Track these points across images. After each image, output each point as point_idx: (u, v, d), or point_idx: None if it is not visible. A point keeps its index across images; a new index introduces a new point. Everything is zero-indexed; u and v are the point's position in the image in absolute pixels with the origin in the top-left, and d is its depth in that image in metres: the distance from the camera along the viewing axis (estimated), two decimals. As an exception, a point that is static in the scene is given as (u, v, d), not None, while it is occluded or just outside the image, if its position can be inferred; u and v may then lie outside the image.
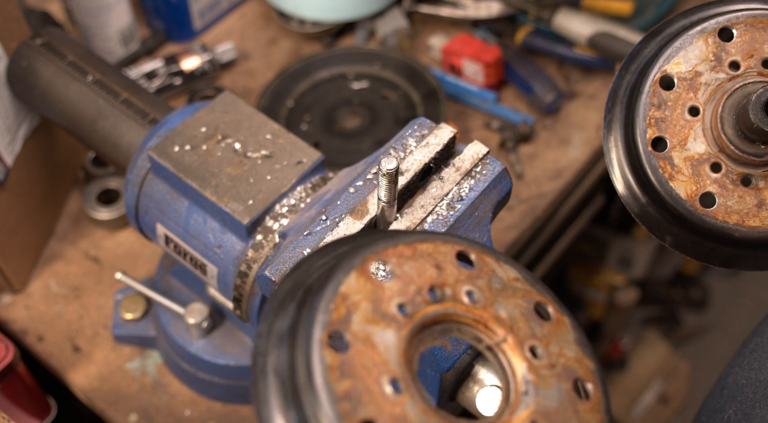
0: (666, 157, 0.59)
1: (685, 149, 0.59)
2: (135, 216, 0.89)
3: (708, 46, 0.60)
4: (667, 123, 0.59)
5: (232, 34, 1.34)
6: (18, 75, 0.96)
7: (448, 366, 0.68)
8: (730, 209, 0.58)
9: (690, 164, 0.59)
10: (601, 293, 2.08)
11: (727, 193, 0.59)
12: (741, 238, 0.59)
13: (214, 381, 0.96)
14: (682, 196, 0.59)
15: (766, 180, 0.59)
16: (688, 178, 0.59)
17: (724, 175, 0.59)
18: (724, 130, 0.58)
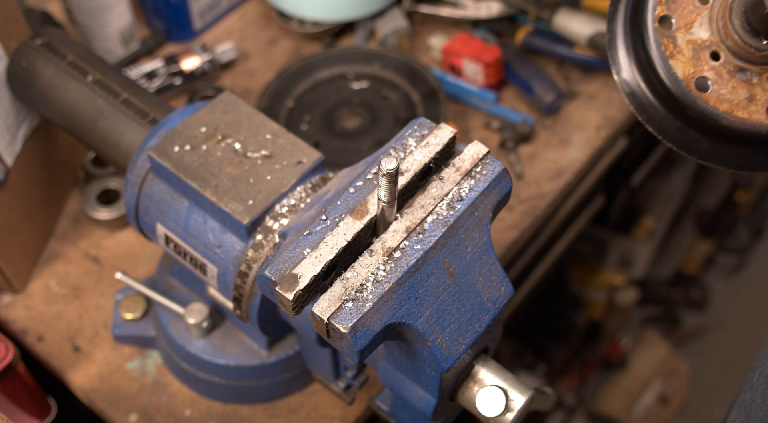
0: (670, 35, 0.60)
1: (689, 32, 0.60)
2: (135, 216, 0.89)
3: None
4: (677, 4, 0.61)
5: (232, 34, 1.34)
6: (18, 75, 0.96)
7: (448, 366, 0.68)
8: (722, 97, 0.60)
9: (692, 47, 0.60)
10: (601, 293, 2.08)
11: (721, 81, 0.60)
12: (727, 127, 0.60)
13: (214, 381, 0.96)
14: (678, 75, 0.60)
15: (760, 76, 0.60)
16: (687, 59, 0.60)
17: (722, 64, 0.60)
18: (732, 20, 0.59)
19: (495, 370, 0.75)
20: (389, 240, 0.66)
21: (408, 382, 0.75)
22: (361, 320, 0.62)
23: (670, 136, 0.63)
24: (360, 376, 0.93)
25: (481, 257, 0.70)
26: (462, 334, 0.69)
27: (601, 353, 2.13)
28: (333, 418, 0.98)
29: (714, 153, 0.63)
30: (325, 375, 0.94)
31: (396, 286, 0.64)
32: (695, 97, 0.60)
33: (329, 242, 0.66)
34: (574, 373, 2.07)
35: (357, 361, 0.64)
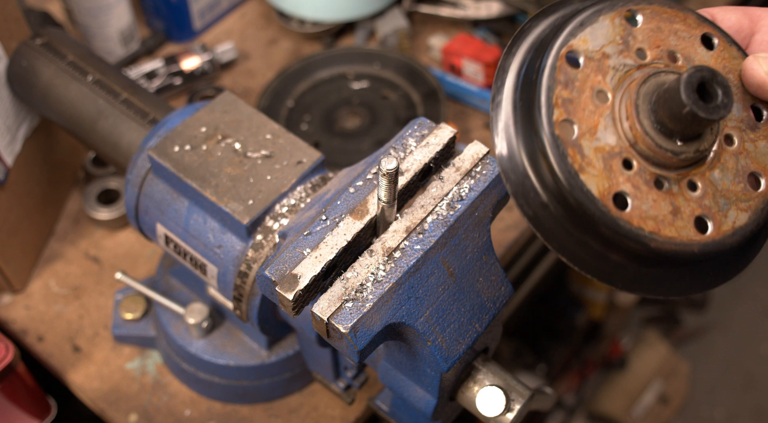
0: (575, 144, 0.50)
1: (595, 138, 0.50)
2: (135, 216, 0.89)
3: (615, 28, 0.53)
4: (575, 106, 0.51)
5: (232, 34, 1.34)
6: (18, 75, 0.96)
7: (448, 366, 0.68)
8: (645, 214, 0.50)
9: (601, 157, 0.50)
10: (601, 293, 2.08)
11: (641, 194, 0.51)
12: (656, 250, 0.50)
13: (214, 381, 0.96)
14: (594, 193, 0.49)
15: (679, 185, 0.52)
16: (599, 172, 0.50)
17: (637, 174, 0.51)
18: (640, 120, 0.51)
19: (495, 370, 0.75)
20: (389, 240, 0.66)
21: (408, 382, 0.75)
22: (361, 320, 0.62)
23: (587, 264, 0.53)
24: (360, 376, 0.93)
25: (481, 257, 0.70)
26: (462, 334, 0.69)
27: (601, 353, 2.13)
28: (333, 418, 0.98)
29: (641, 280, 0.53)
30: (325, 375, 0.94)
31: (396, 286, 0.64)
32: (617, 218, 0.50)
33: (329, 242, 0.66)
34: (574, 373, 2.07)
35: (357, 361, 0.64)
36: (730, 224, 0.52)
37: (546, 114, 0.50)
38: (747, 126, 0.55)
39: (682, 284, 0.54)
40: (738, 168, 0.54)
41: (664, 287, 0.54)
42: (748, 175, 0.54)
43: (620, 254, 0.52)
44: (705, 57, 0.55)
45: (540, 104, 0.51)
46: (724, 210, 0.53)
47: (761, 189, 0.54)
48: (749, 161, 0.54)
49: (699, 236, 0.51)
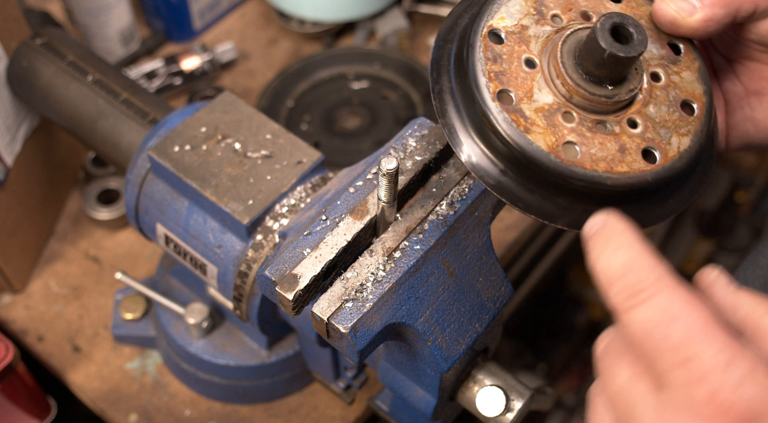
0: (516, 109, 0.54)
1: (533, 101, 0.55)
2: (135, 216, 0.89)
3: (527, 2, 0.58)
4: (508, 76, 0.55)
5: (232, 34, 1.34)
6: (18, 75, 0.96)
7: (448, 366, 0.68)
8: (596, 157, 0.54)
9: (542, 115, 0.54)
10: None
11: (587, 140, 0.54)
12: (614, 187, 0.54)
13: (214, 381, 0.96)
14: (543, 148, 0.53)
15: (620, 124, 0.56)
16: (544, 129, 0.54)
17: (579, 124, 0.55)
18: (569, 75, 0.55)
19: (495, 370, 0.75)
20: (389, 240, 0.66)
21: (408, 382, 0.75)
22: (361, 320, 0.62)
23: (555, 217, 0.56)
24: (360, 376, 0.93)
25: (481, 257, 0.70)
26: (462, 334, 0.69)
27: (601, 353, 2.13)
28: (333, 418, 0.98)
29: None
30: (325, 375, 0.94)
31: (396, 286, 0.64)
32: (570, 166, 0.53)
33: (329, 242, 0.66)
34: (574, 373, 2.07)
35: (357, 361, 0.64)
36: (675, 150, 0.56)
37: (483, 88, 0.55)
38: (668, 61, 0.59)
39: (649, 214, 0.58)
40: (670, 99, 0.58)
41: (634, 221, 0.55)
42: (681, 104, 0.58)
43: (583, 200, 0.55)
44: (615, 9, 0.60)
45: (476, 82, 0.55)
46: (667, 138, 0.56)
47: (695, 113, 0.58)
48: (678, 91, 0.58)
49: (649, 166, 0.55)
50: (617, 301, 0.46)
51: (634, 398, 0.45)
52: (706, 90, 0.59)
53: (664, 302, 0.44)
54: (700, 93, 0.58)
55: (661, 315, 0.43)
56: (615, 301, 0.46)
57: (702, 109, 0.58)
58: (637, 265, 0.45)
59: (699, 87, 0.59)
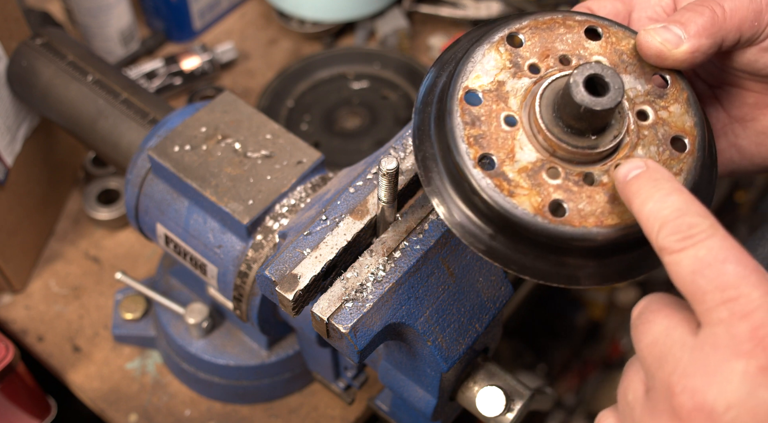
0: (498, 173, 0.53)
1: (515, 161, 0.53)
2: (135, 216, 0.89)
3: (501, 55, 0.56)
4: (488, 138, 0.54)
5: (232, 34, 1.34)
6: (18, 75, 0.96)
7: (448, 366, 0.68)
8: (584, 212, 0.53)
9: (526, 175, 0.53)
10: (601, 293, 2.08)
11: (574, 196, 0.53)
12: (605, 241, 0.53)
13: (214, 381, 0.96)
14: (530, 211, 0.52)
15: (608, 173, 0.54)
16: (529, 190, 0.53)
17: (565, 179, 0.53)
18: (550, 130, 0.53)
19: (495, 370, 0.75)
20: (389, 240, 0.66)
21: (408, 382, 0.75)
22: (361, 320, 0.62)
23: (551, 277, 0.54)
24: (360, 376, 0.93)
25: (481, 257, 0.70)
26: (462, 334, 0.69)
27: (601, 353, 2.13)
28: (333, 418, 0.98)
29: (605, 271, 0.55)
30: (325, 375, 0.94)
31: (396, 286, 0.64)
32: (558, 226, 0.52)
33: (329, 242, 0.66)
34: (574, 373, 2.07)
35: (357, 361, 0.64)
36: None
37: (464, 154, 0.53)
38: (655, 96, 0.57)
39: (646, 261, 0.56)
40: (659, 138, 0.56)
41: (630, 270, 0.56)
42: (671, 141, 0.56)
43: (576, 256, 0.54)
44: (595, 48, 0.58)
45: (456, 149, 0.54)
46: None
47: (687, 149, 0.56)
48: (667, 128, 0.56)
49: None
50: (668, 241, 0.47)
51: (669, 344, 0.46)
52: (697, 121, 0.57)
53: (718, 244, 0.45)
54: (691, 126, 0.56)
55: (714, 255, 0.45)
56: (665, 242, 0.47)
57: (693, 144, 0.56)
58: (692, 209, 0.47)
59: (689, 120, 0.56)
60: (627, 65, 0.57)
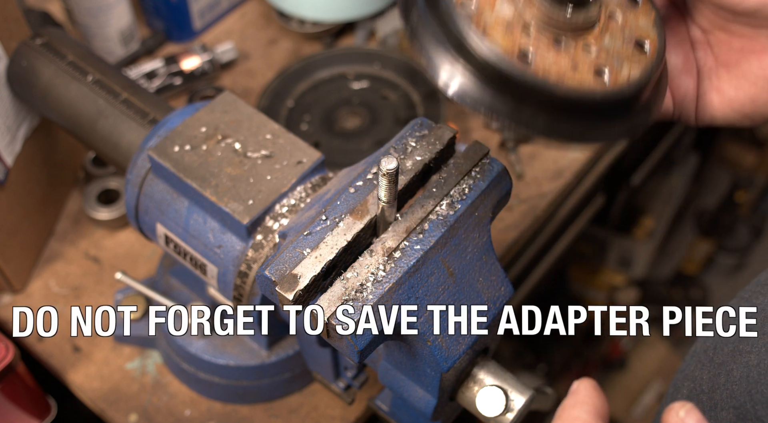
0: (477, 13, 0.57)
1: (495, 11, 0.57)
2: (135, 216, 0.89)
3: None
4: None
5: (232, 34, 1.34)
6: (18, 75, 0.96)
7: (448, 366, 0.68)
8: (548, 67, 0.56)
9: (502, 24, 0.57)
10: (601, 293, 2.08)
11: (541, 52, 0.57)
12: (563, 97, 0.56)
13: (214, 381, 0.96)
14: (500, 51, 0.56)
15: (576, 42, 0.58)
16: (503, 34, 0.56)
17: (536, 38, 0.57)
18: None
19: (495, 370, 0.75)
20: (389, 240, 0.66)
21: (408, 382, 0.75)
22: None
23: (509, 115, 0.58)
24: (360, 376, 0.93)
25: (481, 257, 0.70)
26: (462, 334, 0.69)
27: (601, 353, 2.13)
28: (333, 418, 0.98)
29: (555, 126, 0.58)
30: (325, 375, 0.94)
31: (396, 286, 0.64)
32: (523, 71, 0.55)
33: (329, 242, 0.66)
34: (574, 373, 2.07)
35: (357, 361, 0.64)
36: (625, 76, 0.58)
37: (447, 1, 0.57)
38: (627, 6, 0.61)
39: (592, 131, 0.60)
40: (625, 35, 0.60)
41: (576, 133, 0.59)
42: (635, 42, 0.60)
43: (532, 104, 0.57)
44: None
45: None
46: (618, 65, 0.58)
47: (648, 52, 0.60)
48: (633, 31, 0.60)
49: (599, 85, 0.57)
50: None
51: None
52: (660, 35, 0.61)
53: None
54: (654, 36, 0.60)
55: None
56: None
57: (654, 50, 0.60)
58: None
59: (653, 31, 0.61)
60: None
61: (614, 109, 0.59)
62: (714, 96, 0.65)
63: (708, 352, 0.67)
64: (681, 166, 2.13)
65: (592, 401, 0.56)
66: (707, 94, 0.66)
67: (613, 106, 0.58)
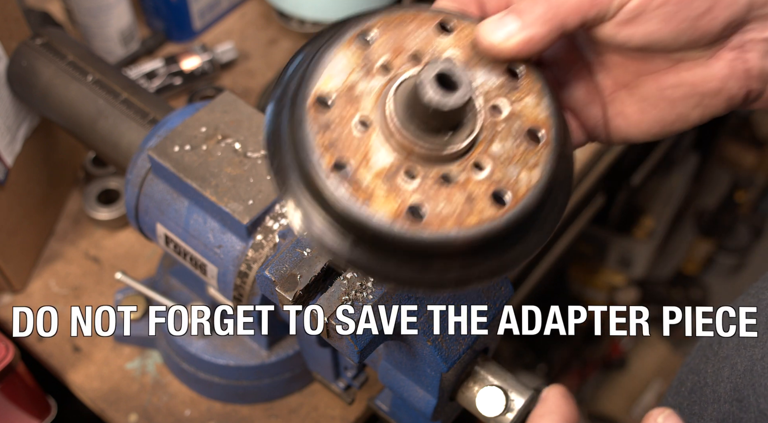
0: (353, 180, 0.50)
1: (371, 165, 0.51)
2: (135, 216, 0.89)
3: (352, 55, 0.53)
4: (341, 144, 0.51)
5: (232, 34, 1.34)
6: (18, 75, 0.96)
7: (448, 366, 0.68)
8: (443, 214, 0.50)
9: (382, 179, 0.51)
10: (601, 293, 2.08)
11: (432, 198, 0.51)
12: (468, 242, 0.50)
13: (214, 381, 0.96)
14: (387, 219, 0.49)
15: (466, 171, 0.52)
16: (386, 195, 0.50)
17: (423, 180, 0.51)
18: (404, 130, 0.51)
19: (495, 370, 0.75)
20: (389, 240, 0.66)
21: (408, 382, 0.75)
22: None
23: (418, 283, 0.52)
24: (360, 376, 0.93)
25: (481, 257, 0.70)
26: (462, 334, 0.69)
27: (601, 353, 2.13)
28: (333, 418, 0.98)
29: (471, 275, 0.53)
30: (325, 375, 0.94)
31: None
32: (417, 233, 0.50)
33: (329, 242, 0.65)
34: (574, 373, 2.07)
35: (357, 361, 0.64)
36: (525, 186, 0.53)
37: (317, 163, 0.50)
38: (509, 89, 0.55)
39: (513, 255, 0.54)
40: (514, 131, 0.54)
41: (500, 267, 0.54)
42: (526, 134, 0.54)
43: (439, 260, 0.52)
44: (447, 43, 0.55)
45: (310, 158, 0.51)
46: (515, 175, 0.53)
47: (543, 140, 0.54)
48: (522, 121, 0.54)
49: (500, 211, 0.52)
50: None
51: None
52: (552, 112, 0.55)
53: None
54: (545, 117, 0.54)
55: None
56: None
57: (549, 135, 0.54)
58: None
59: (543, 111, 0.55)
60: (480, 59, 0.55)
61: (528, 223, 0.54)
62: (621, 121, 0.62)
63: (713, 345, 0.67)
64: (681, 166, 2.13)
65: (560, 410, 0.55)
66: (615, 120, 0.62)
67: (524, 223, 0.53)
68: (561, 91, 0.63)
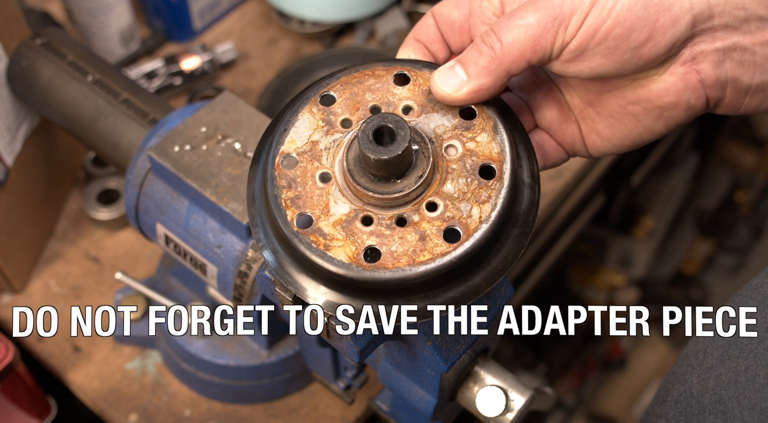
0: (315, 230, 0.56)
1: (330, 215, 0.56)
2: (135, 216, 0.89)
3: (315, 116, 0.59)
4: (304, 198, 0.57)
5: (232, 34, 1.34)
6: (18, 75, 0.96)
7: (448, 366, 0.68)
8: (397, 254, 0.54)
9: (341, 227, 0.56)
10: (601, 293, 2.08)
11: (387, 239, 0.55)
12: (420, 280, 0.54)
13: (214, 381, 0.96)
14: (345, 261, 0.54)
15: (419, 212, 0.56)
16: (344, 241, 0.55)
17: (378, 224, 0.56)
18: (357, 181, 0.56)
19: (495, 370, 0.75)
20: (389, 240, 0.66)
21: (408, 382, 0.75)
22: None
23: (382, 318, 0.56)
24: (360, 376, 0.93)
25: (481, 257, 0.70)
26: (462, 334, 0.69)
27: (601, 353, 2.13)
28: (333, 418, 0.98)
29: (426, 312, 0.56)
30: (325, 375, 0.94)
31: (396, 286, 0.64)
32: (372, 272, 0.54)
33: (329, 242, 0.66)
34: (574, 373, 2.07)
35: (357, 361, 0.64)
36: (476, 221, 0.55)
37: (283, 217, 0.56)
38: (463, 129, 0.58)
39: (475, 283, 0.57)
40: (467, 169, 0.57)
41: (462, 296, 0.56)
42: (479, 170, 0.57)
43: (400, 296, 0.56)
44: (403, 93, 0.60)
45: (278, 213, 0.57)
46: (467, 211, 0.56)
47: (496, 175, 0.57)
48: (476, 158, 0.57)
49: (452, 246, 0.55)
50: None
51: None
52: (504, 147, 0.57)
53: None
54: (498, 152, 0.57)
55: None
56: None
57: (501, 169, 0.56)
58: None
59: (496, 146, 0.57)
60: (435, 104, 0.59)
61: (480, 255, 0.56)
62: (595, 137, 0.64)
63: (698, 355, 0.67)
64: (681, 166, 2.13)
65: None
66: (590, 136, 0.65)
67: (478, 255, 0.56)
68: (535, 113, 0.66)
